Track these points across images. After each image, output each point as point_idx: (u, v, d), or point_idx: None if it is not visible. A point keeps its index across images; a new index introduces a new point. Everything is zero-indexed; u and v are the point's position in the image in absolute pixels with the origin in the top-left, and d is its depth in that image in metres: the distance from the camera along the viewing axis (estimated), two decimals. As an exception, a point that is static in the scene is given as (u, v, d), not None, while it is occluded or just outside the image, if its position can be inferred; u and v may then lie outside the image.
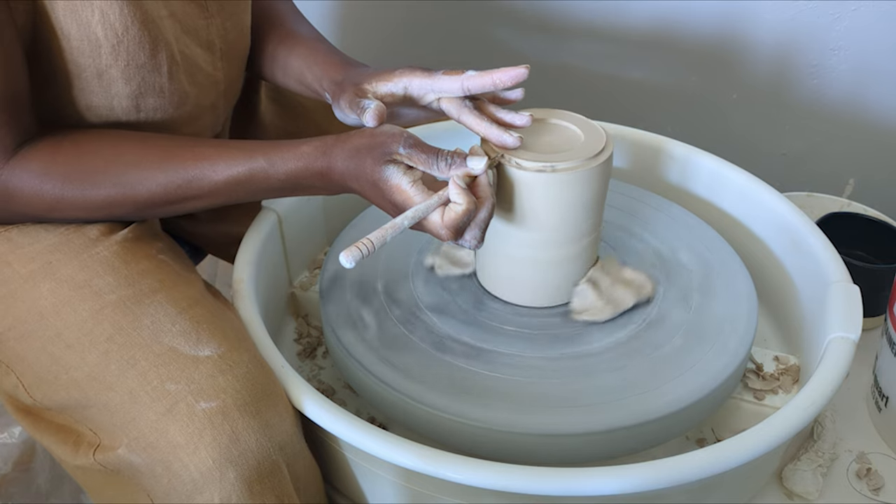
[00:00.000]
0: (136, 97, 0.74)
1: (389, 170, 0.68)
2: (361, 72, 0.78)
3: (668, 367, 0.74)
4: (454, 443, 0.71)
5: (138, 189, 0.72)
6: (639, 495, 0.64)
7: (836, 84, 1.28)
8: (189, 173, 0.72)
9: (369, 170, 0.68)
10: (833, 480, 0.78)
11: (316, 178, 0.72)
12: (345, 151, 0.70)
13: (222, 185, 0.72)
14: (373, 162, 0.68)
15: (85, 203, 0.72)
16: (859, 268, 0.88)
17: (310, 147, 0.71)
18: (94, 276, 0.72)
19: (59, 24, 0.68)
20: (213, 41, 0.81)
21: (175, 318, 0.70)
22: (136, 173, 0.72)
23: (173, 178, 0.72)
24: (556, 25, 1.41)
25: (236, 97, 0.89)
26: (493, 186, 0.70)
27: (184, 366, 0.67)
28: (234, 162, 0.72)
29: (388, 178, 0.68)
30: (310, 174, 0.71)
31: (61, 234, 0.75)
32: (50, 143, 0.72)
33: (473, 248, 0.69)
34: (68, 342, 0.70)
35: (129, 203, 0.73)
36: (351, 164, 0.69)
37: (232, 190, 0.73)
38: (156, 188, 0.72)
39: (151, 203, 0.73)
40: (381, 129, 0.70)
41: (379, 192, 0.69)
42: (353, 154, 0.69)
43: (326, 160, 0.71)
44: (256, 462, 0.65)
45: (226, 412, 0.65)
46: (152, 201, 0.73)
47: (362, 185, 0.70)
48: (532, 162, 0.73)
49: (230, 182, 0.72)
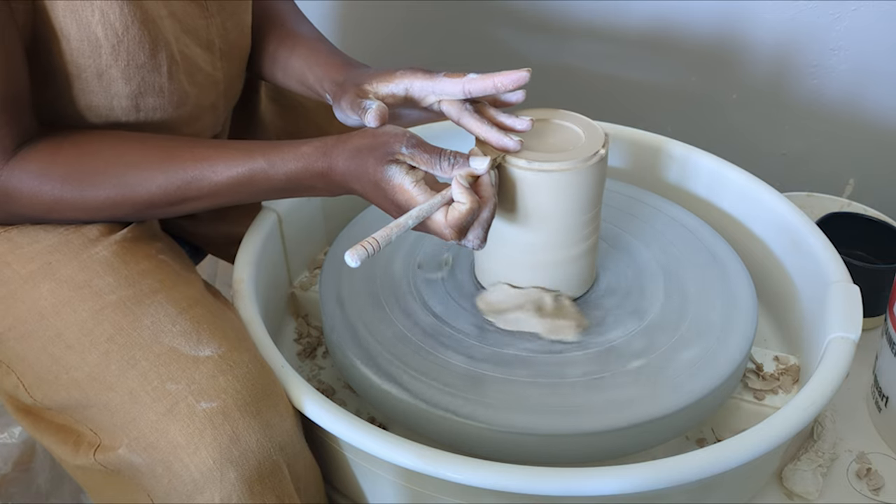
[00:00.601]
0: (135, 97, 0.73)
1: (392, 170, 0.68)
2: (363, 72, 0.78)
3: (668, 368, 0.74)
4: (454, 443, 0.71)
5: (138, 190, 0.72)
6: (639, 495, 0.64)
7: (836, 84, 1.28)
8: (189, 174, 0.72)
9: (371, 170, 0.68)
10: (833, 480, 0.78)
11: (317, 179, 0.71)
12: (346, 152, 0.70)
13: (222, 187, 0.72)
14: (375, 162, 0.68)
15: (84, 204, 0.72)
16: (859, 268, 0.88)
17: (310, 147, 0.71)
18: (94, 277, 0.72)
19: (59, 25, 0.68)
20: (213, 41, 0.81)
21: (175, 319, 0.70)
22: (135, 174, 0.72)
23: (173, 180, 0.72)
24: (556, 25, 1.41)
25: (236, 97, 0.89)
26: (495, 186, 0.70)
27: (184, 366, 0.67)
28: (234, 163, 0.72)
29: (391, 178, 0.68)
30: (310, 175, 0.71)
31: (61, 234, 0.75)
32: (50, 143, 0.72)
33: (476, 248, 0.69)
34: (69, 342, 0.70)
35: (128, 204, 0.73)
36: (352, 165, 0.69)
37: (233, 191, 0.72)
38: (155, 189, 0.72)
39: (151, 204, 0.73)
40: (382, 130, 0.70)
41: (381, 193, 0.69)
42: (355, 154, 0.69)
43: (327, 161, 0.71)
44: (257, 462, 0.65)
45: (226, 412, 0.65)
46: (152, 202, 0.73)
47: (364, 185, 0.69)
48: (532, 162, 0.73)
49: (230, 183, 0.72)
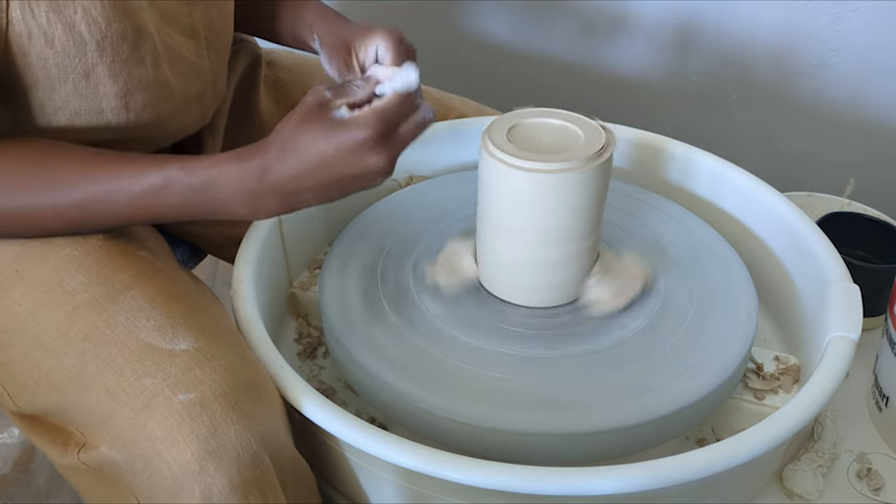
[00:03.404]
0: (124, 95, 0.72)
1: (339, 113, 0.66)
2: (348, 30, 0.80)
3: (668, 367, 0.74)
4: (454, 443, 0.71)
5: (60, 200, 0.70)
6: (639, 495, 0.64)
7: (837, 84, 1.28)
8: (104, 186, 0.69)
9: (317, 130, 0.66)
10: (833, 480, 0.78)
11: (240, 181, 0.68)
12: (280, 139, 0.67)
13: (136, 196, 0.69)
14: (305, 113, 0.66)
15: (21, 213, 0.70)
16: (859, 268, 0.87)
17: (231, 153, 0.69)
18: (66, 276, 0.71)
19: (42, 28, 0.67)
20: (197, 28, 0.79)
21: (150, 314, 0.69)
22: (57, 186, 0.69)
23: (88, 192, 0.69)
24: (556, 25, 1.41)
25: (225, 87, 0.88)
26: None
27: (159, 360, 0.66)
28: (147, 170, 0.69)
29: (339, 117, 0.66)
30: (229, 178, 0.68)
31: (22, 243, 0.73)
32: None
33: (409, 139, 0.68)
34: (46, 346, 0.69)
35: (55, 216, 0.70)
36: (290, 133, 0.67)
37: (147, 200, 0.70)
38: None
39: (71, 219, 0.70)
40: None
41: (335, 137, 0.66)
42: (294, 133, 0.67)
43: (257, 149, 0.68)
44: (237, 454, 0.64)
45: (204, 403, 0.64)
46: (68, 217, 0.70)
47: (311, 144, 0.66)
48: (532, 162, 0.73)
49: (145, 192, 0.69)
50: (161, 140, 0.83)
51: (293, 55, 1.06)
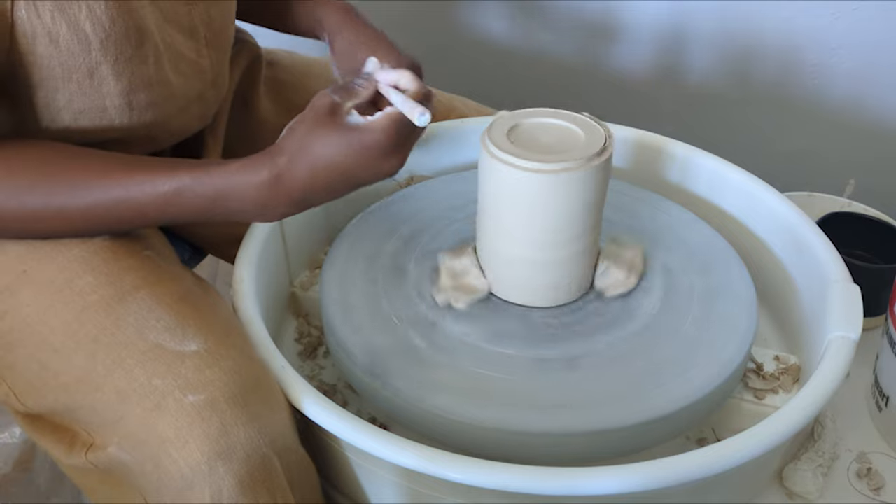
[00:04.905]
0: (127, 94, 0.72)
1: (353, 116, 0.67)
2: (364, 52, 0.80)
3: (668, 367, 0.74)
4: (454, 443, 0.71)
5: (70, 205, 0.70)
6: (639, 495, 0.64)
7: (837, 84, 1.28)
8: (114, 194, 0.69)
9: (328, 130, 0.67)
10: (833, 480, 0.78)
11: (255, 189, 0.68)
12: (291, 146, 0.68)
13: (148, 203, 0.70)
14: (326, 123, 0.67)
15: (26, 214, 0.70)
16: (859, 268, 0.88)
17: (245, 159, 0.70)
18: (75, 277, 0.71)
19: (47, 28, 0.67)
20: (197, 27, 0.79)
21: (160, 315, 0.69)
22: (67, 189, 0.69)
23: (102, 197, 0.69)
24: (556, 25, 1.41)
25: (225, 86, 0.88)
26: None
27: (169, 361, 0.66)
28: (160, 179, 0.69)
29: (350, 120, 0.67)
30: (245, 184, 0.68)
31: (27, 243, 0.73)
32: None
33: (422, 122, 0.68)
34: (55, 347, 0.69)
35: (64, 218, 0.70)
36: (301, 134, 0.68)
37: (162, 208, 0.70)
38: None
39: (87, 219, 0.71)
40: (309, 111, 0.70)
41: (346, 139, 0.67)
42: (293, 131, 0.68)
43: (270, 155, 0.69)
44: (246, 454, 0.64)
45: (214, 404, 0.64)
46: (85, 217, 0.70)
47: (331, 152, 0.67)
48: (532, 162, 0.73)
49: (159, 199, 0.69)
50: (163, 140, 0.83)
51: (293, 55, 1.06)
